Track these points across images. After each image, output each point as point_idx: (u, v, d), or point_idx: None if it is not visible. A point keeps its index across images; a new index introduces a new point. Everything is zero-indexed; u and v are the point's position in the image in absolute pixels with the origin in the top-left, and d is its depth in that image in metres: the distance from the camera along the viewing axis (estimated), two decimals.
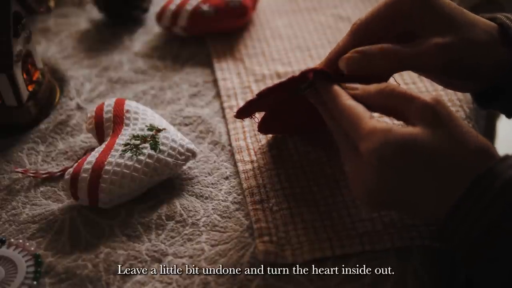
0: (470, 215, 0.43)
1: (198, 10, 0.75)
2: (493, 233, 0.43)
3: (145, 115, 0.61)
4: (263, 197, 0.56)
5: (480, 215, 0.43)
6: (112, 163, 0.55)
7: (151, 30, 0.81)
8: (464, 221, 0.44)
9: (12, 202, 0.58)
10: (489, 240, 0.43)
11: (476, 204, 0.43)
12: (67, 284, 0.51)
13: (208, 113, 0.67)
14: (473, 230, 0.43)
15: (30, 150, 0.64)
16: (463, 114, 0.64)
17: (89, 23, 0.83)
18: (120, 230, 0.55)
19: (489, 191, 0.43)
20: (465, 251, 0.45)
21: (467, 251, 0.45)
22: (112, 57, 0.76)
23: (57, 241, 0.55)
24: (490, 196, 0.43)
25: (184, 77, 0.72)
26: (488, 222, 0.43)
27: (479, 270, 0.45)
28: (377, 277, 0.49)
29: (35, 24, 0.82)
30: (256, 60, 0.74)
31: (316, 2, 0.84)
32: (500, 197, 0.43)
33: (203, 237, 0.54)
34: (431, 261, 0.51)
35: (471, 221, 0.43)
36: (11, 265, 0.52)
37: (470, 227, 0.43)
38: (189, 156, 0.59)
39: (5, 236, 0.54)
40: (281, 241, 0.52)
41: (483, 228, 0.43)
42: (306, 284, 0.49)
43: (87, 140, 0.65)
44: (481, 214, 0.43)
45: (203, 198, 0.58)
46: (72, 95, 0.71)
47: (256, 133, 0.63)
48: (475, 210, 0.43)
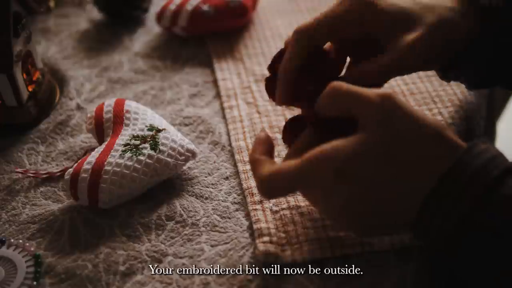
0: (440, 211, 0.42)
1: (198, 10, 0.75)
2: (466, 227, 0.42)
3: (145, 115, 0.61)
4: None
5: (450, 210, 0.42)
6: (112, 163, 0.55)
7: (151, 30, 0.81)
8: (435, 217, 0.42)
9: (12, 202, 0.58)
10: (463, 235, 0.42)
11: (446, 200, 0.42)
12: (67, 284, 0.51)
13: (208, 113, 0.67)
14: (445, 225, 0.42)
15: (30, 150, 0.64)
16: (463, 114, 0.64)
17: (89, 23, 0.83)
18: (120, 230, 0.55)
19: (457, 185, 0.41)
20: (440, 247, 0.43)
21: (442, 247, 0.43)
22: (112, 57, 0.76)
23: (57, 241, 0.55)
24: (458, 190, 0.41)
25: (184, 77, 0.72)
26: (459, 217, 0.41)
27: (457, 266, 0.44)
28: (377, 277, 0.49)
29: (35, 24, 0.82)
30: (256, 60, 0.74)
31: (316, 2, 0.84)
32: (469, 190, 0.41)
33: (203, 238, 0.54)
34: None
35: (442, 217, 0.42)
36: (11, 265, 0.52)
37: (442, 224, 0.42)
38: (189, 156, 0.59)
39: (5, 237, 0.54)
40: (281, 241, 0.52)
41: (455, 223, 0.42)
42: (306, 284, 0.49)
43: (87, 140, 0.65)
44: (451, 209, 0.42)
45: (203, 198, 0.58)
46: (72, 95, 0.71)
47: (256, 133, 0.63)
48: (445, 205, 0.42)
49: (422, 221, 0.43)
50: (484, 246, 0.42)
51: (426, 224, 0.43)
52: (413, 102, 0.65)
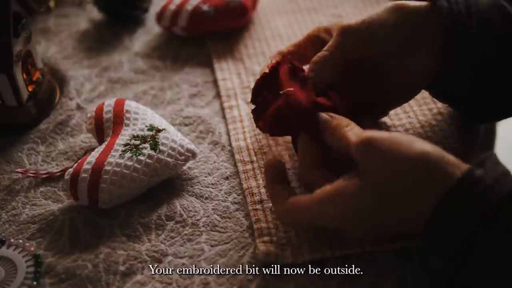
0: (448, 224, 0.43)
1: (198, 10, 0.75)
2: (474, 242, 0.42)
3: (145, 115, 0.61)
4: (263, 197, 0.56)
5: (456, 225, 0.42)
6: (112, 163, 0.55)
7: (151, 30, 0.81)
8: (443, 230, 0.43)
9: (12, 202, 0.58)
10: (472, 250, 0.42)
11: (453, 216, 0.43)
12: (67, 284, 0.51)
13: (208, 113, 0.67)
14: (454, 239, 0.43)
15: (30, 150, 0.64)
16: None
17: (89, 23, 0.83)
18: (120, 230, 0.55)
19: (457, 211, 0.42)
20: (449, 258, 0.44)
21: (451, 258, 0.44)
22: (112, 57, 0.76)
23: (57, 241, 0.55)
24: (462, 207, 0.42)
25: (184, 77, 0.72)
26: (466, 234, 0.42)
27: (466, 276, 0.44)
28: (377, 277, 0.49)
29: (35, 24, 0.82)
30: (256, 60, 0.74)
31: (316, 2, 0.84)
32: (474, 206, 0.42)
33: (203, 237, 0.54)
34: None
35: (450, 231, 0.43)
36: (11, 265, 0.52)
37: (450, 237, 0.43)
38: (189, 156, 0.59)
39: (5, 236, 0.54)
40: (281, 241, 0.52)
41: (463, 239, 0.42)
42: (306, 284, 0.49)
43: (87, 140, 0.65)
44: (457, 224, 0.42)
45: (203, 198, 0.58)
46: (72, 95, 0.71)
47: (256, 133, 0.63)
48: (452, 218, 0.43)
49: (430, 232, 0.44)
50: (497, 251, 0.42)
51: (434, 235, 0.44)
52: (413, 102, 0.65)
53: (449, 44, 0.53)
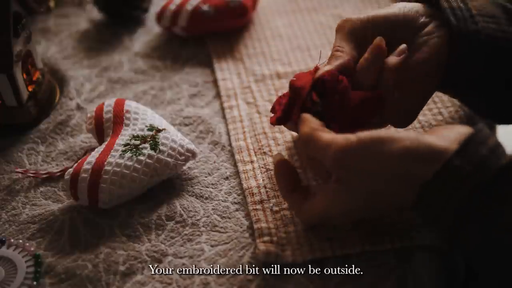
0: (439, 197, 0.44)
1: (198, 10, 0.75)
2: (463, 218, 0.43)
3: (145, 115, 0.61)
4: (263, 197, 0.56)
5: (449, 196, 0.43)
6: (112, 163, 0.55)
7: (151, 30, 0.81)
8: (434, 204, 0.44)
9: (12, 202, 0.58)
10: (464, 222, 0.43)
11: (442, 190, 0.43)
12: (67, 284, 0.51)
13: (208, 113, 0.67)
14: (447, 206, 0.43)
15: (30, 150, 0.64)
16: (463, 114, 0.64)
17: (89, 23, 0.83)
18: (120, 230, 0.55)
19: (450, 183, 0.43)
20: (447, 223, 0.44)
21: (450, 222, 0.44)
22: (112, 57, 0.76)
23: (57, 241, 0.55)
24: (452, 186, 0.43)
25: (184, 77, 0.72)
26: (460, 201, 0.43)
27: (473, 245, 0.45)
28: (377, 277, 0.49)
29: (35, 24, 0.82)
30: (256, 60, 0.74)
31: (316, 2, 0.84)
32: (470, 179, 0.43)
33: (203, 238, 0.54)
34: (431, 261, 0.51)
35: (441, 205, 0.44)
36: (11, 265, 0.52)
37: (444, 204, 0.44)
38: (189, 156, 0.59)
39: (5, 236, 0.54)
40: (281, 241, 0.52)
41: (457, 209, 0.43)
42: (306, 284, 0.49)
43: (87, 140, 0.65)
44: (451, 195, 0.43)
45: (203, 198, 0.58)
46: (72, 95, 0.71)
47: (256, 133, 0.63)
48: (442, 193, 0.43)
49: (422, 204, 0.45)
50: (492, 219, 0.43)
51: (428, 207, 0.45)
52: None
53: (454, 37, 0.53)
